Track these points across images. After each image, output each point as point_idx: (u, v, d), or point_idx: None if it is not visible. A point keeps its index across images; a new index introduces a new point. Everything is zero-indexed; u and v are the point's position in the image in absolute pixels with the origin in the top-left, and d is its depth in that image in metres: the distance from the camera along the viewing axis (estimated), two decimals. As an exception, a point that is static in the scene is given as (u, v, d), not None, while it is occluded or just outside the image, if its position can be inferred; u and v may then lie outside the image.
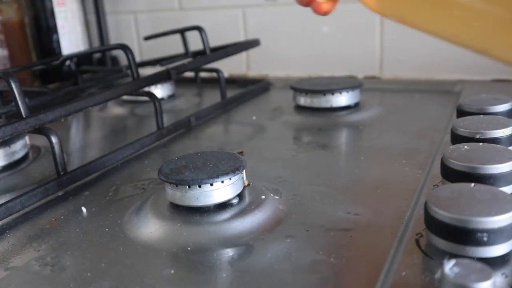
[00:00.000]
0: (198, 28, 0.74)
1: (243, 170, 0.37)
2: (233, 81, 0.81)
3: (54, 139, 0.44)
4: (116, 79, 0.79)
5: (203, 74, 0.85)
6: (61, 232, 0.36)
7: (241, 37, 0.88)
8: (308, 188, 0.40)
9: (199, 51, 0.77)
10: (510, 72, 0.69)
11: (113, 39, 1.01)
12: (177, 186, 0.35)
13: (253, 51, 0.83)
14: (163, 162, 0.38)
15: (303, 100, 0.62)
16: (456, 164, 0.33)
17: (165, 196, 0.37)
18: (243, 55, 0.89)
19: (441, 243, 0.27)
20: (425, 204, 0.29)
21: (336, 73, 0.79)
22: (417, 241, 0.30)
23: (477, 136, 0.39)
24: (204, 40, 0.73)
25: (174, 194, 0.36)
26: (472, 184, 0.29)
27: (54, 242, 0.35)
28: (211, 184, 0.35)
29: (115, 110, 0.73)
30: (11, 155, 0.49)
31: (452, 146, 0.36)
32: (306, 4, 0.39)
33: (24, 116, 0.43)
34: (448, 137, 0.44)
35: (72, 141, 0.62)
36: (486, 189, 0.29)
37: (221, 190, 0.35)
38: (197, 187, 0.35)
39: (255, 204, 0.36)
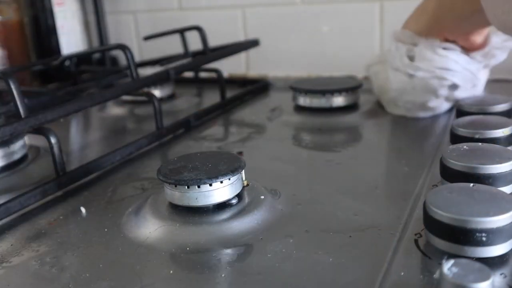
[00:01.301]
0: (198, 28, 0.74)
1: (242, 170, 0.37)
2: (233, 81, 0.81)
3: (53, 139, 0.44)
4: (115, 79, 0.79)
5: (202, 74, 0.85)
6: (60, 232, 0.36)
7: (241, 37, 0.88)
8: (307, 188, 0.40)
9: (199, 51, 0.77)
10: (510, 72, 0.69)
11: (113, 39, 1.01)
12: (176, 186, 0.35)
13: (253, 51, 0.83)
14: (162, 162, 0.38)
15: (302, 100, 0.62)
16: (455, 164, 0.33)
17: (164, 196, 0.37)
18: (242, 55, 0.89)
19: (440, 243, 0.27)
20: (424, 204, 0.29)
21: (336, 73, 0.79)
22: (416, 241, 0.30)
23: (476, 136, 0.39)
24: (203, 40, 0.73)
25: (173, 194, 0.36)
26: (471, 184, 0.29)
27: (53, 242, 0.35)
28: (210, 185, 0.35)
29: (115, 110, 0.73)
30: (10, 155, 0.49)
31: (451, 146, 0.36)
32: None
33: (23, 116, 0.43)
34: (447, 137, 0.44)
35: (71, 141, 0.62)
36: (485, 189, 0.29)
37: (220, 190, 0.35)
38: (196, 187, 0.35)
39: (255, 204, 0.36)
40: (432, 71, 0.52)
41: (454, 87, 0.53)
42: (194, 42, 0.78)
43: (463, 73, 0.52)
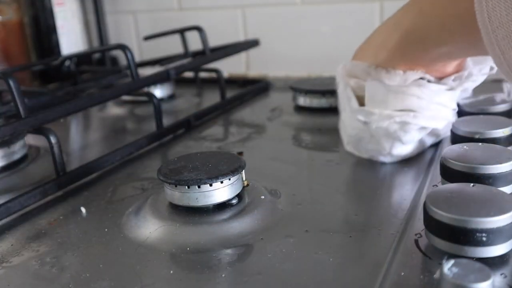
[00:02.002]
0: (198, 28, 0.74)
1: (242, 170, 0.37)
2: (233, 81, 0.81)
3: (53, 139, 0.44)
4: (115, 79, 0.79)
5: (202, 74, 0.85)
6: (60, 232, 0.36)
7: (240, 37, 0.88)
8: (307, 188, 0.40)
9: (199, 51, 0.77)
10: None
11: (113, 39, 1.01)
12: (176, 186, 0.35)
13: (252, 51, 0.83)
14: (162, 162, 0.38)
15: (302, 100, 0.62)
16: (456, 164, 0.33)
17: (164, 196, 0.37)
18: (242, 55, 0.89)
19: (440, 243, 0.27)
20: (424, 204, 0.28)
21: (336, 73, 0.79)
22: (416, 241, 0.30)
23: (477, 136, 0.39)
24: (203, 40, 0.73)
25: (173, 194, 0.36)
26: (471, 184, 0.29)
27: (54, 242, 0.35)
28: (211, 185, 0.35)
29: (115, 110, 0.73)
30: (10, 155, 0.49)
31: (451, 146, 0.36)
32: None
33: (23, 116, 0.43)
34: (447, 137, 0.44)
35: (71, 141, 0.62)
36: (485, 189, 0.29)
37: (221, 190, 0.35)
38: (196, 188, 0.35)
39: (255, 204, 0.36)
40: (389, 115, 0.41)
41: (423, 128, 0.42)
42: (194, 42, 0.78)
43: (430, 109, 0.41)
